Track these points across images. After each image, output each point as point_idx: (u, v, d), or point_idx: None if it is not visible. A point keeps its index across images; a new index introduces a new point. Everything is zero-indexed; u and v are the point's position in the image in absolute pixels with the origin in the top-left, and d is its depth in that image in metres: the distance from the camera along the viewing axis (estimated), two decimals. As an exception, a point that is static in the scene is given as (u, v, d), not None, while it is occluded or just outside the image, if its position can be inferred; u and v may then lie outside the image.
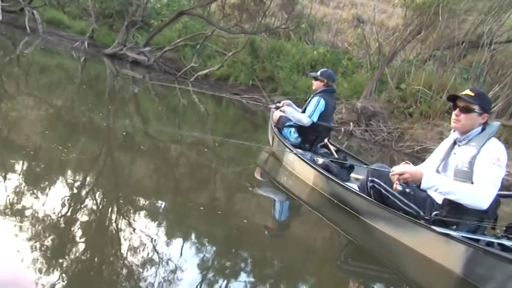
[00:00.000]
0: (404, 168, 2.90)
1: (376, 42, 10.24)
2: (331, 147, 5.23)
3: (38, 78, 7.52)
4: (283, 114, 5.11)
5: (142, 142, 4.91)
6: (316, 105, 4.79)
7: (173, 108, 7.82)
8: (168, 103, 8.34)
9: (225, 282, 2.32)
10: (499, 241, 2.76)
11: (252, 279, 2.42)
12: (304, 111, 4.91)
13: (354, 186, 3.89)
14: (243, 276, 2.42)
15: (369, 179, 3.24)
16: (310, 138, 4.95)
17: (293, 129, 4.97)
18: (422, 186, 2.83)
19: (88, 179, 3.35)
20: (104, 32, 12.79)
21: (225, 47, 11.96)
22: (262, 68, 10.90)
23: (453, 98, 3.02)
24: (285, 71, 10.33)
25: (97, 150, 4.17)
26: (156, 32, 11.91)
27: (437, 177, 2.87)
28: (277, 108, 5.28)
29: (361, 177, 4.43)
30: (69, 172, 3.38)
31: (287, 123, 5.02)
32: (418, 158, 6.68)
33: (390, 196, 3.12)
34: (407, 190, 2.98)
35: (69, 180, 3.21)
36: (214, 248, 2.66)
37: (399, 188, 2.90)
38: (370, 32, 11.30)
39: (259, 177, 4.49)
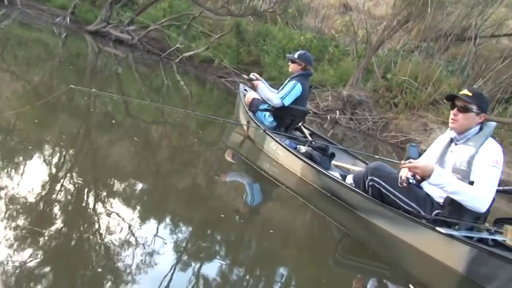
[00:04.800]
0: (416, 162, 2.90)
1: (363, 30, 10.18)
2: (306, 130, 5.18)
3: (16, 53, 7.24)
4: (255, 96, 4.98)
5: (123, 122, 4.78)
6: (291, 89, 4.67)
7: (157, 89, 7.65)
8: (152, 83, 8.16)
9: (208, 267, 2.27)
10: (492, 237, 2.83)
11: (242, 271, 2.37)
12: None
13: (336, 175, 3.85)
14: (232, 269, 2.36)
15: (369, 177, 3.21)
16: (285, 122, 4.86)
17: (268, 113, 4.85)
18: (430, 181, 2.84)
19: (66, 159, 3.24)
20: (86, 7, 12.40)
21: (210, 28, 11.74)
22: (248, 52, 10.75)
23: (451, 98, 3.03)
24: (271, 56, 10.19)
25: (75, 130, 4.04)
26: (141, 10, 11.60)
27: (447, 175, 2.88)
28: (250, 80, 5.09)
29: (341, 164, 4.39)
30: (46, 151, 3.27)
31: (261, 107, 4.90)
32: (402, 148, 6.71)
33: (390, 195, 3.11)
34: (414, 182, 2.98)
35: (46, 160, 3.10)
36: (198, 234, 2.61)
37: (411, 180, 2.94)
38: (358, 20, 11.21)
39: (231, 160, 4.37)
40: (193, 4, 11.65)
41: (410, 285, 2.63)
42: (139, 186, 3.15)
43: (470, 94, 2.93)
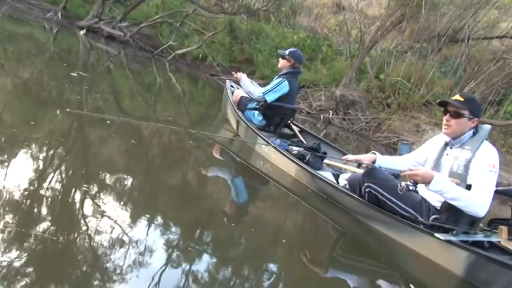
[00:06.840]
0: (416, 169, 2.90)
1: (356, 30, 10.18)
2: (295, 128, 5.17)
3: (6, 48, 7.13)
4: (244, 94, 4.98)
5: (112, 121, 4.72)
6: (275, 85, 4.67)
7: (149, 87, 7.58)
8: (144, 81, 8.08)
9: (202, 266, 2.25)
10: (488, 239, 2.86)
11: (243, 270, 2.34)
12: None
13: (329, 174, 3.83)
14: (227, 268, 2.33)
15: (365, 183, 3.19)
16: (275, 120, 4.86)
17: (257, 112, 4.84)
18: (430, 187, 2.82)
19: (55, 156, 3.19)
20: (77, 2, 12.24)
21: (203, 26, 11.67)
22: (241, 50, 10.71)
23: (443, 104, 3.03)
24: (264, 54, 10.17)
25: (66, 127, 3.97)
26: (134, 7, 11.49)
27: (446, 182, 2.86)
28: (234, 72, 5.18)
29: (333, 163, 4.35)
30: (36, 149, 3.21)
31: (250, 105, 4.88)
32: (394, 149, 6.71)
33: (387, 201, 3.10)
34: (414, 188, 2.97)
35: (35, 157, 3.05)
36: (194, 234, 2.57)
37: (411, 187, 2.93)
38: (351, 20, 11.22)
39: (219, 157, 4.32)
40: (186, 1, 11.57)
41: (411, 285, 2.63)
42: (130, 185, 3.11)
43: (462, 99, 2.92)
